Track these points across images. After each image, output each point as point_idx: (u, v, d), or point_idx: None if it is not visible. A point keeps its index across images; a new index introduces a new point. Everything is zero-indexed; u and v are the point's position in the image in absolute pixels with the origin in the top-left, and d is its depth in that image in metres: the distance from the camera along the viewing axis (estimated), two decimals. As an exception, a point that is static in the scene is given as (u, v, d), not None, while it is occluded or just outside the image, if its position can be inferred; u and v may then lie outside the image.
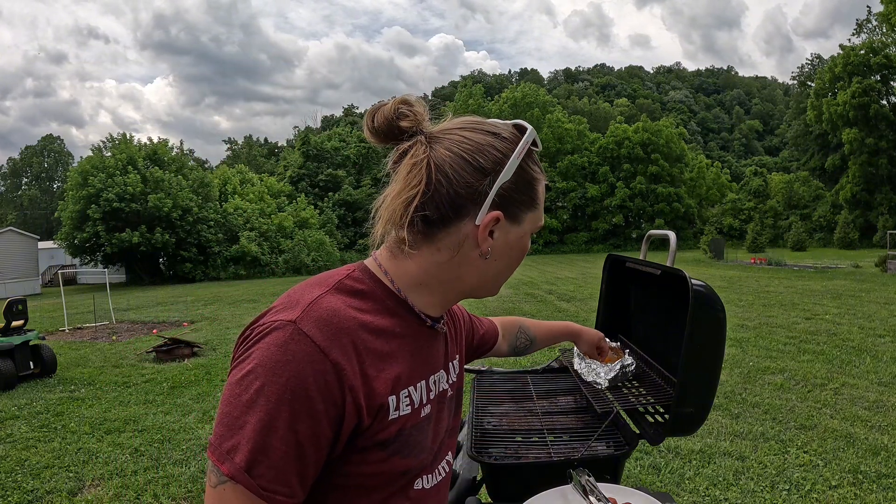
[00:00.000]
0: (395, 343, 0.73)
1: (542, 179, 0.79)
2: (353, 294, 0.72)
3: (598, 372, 1.45)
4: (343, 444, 0.67)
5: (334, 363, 0.63)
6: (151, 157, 32.62)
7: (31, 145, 77.88)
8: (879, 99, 41.12)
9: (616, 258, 1.77)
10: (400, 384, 0.72)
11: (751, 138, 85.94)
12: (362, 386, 0.66)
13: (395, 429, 0.71)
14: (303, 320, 0.64)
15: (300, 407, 0.61)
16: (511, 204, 0.74)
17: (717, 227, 44.40)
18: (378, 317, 0.72)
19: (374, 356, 0.69)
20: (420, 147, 0.71)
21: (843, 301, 10.97)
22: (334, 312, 0.67)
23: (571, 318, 9.82)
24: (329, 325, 0.65)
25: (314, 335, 0.63)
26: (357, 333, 0.67)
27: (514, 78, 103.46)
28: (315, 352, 0.63)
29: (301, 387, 0.61)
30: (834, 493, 3.19)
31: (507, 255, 0.78)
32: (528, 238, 0.79)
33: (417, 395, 0.75)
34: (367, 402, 0.66)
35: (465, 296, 0.81)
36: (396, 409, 0.71)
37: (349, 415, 0.65)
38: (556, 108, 54.36)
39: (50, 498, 3.54)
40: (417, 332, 0.78)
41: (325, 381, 0.62)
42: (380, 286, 0.75)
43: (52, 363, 6.96)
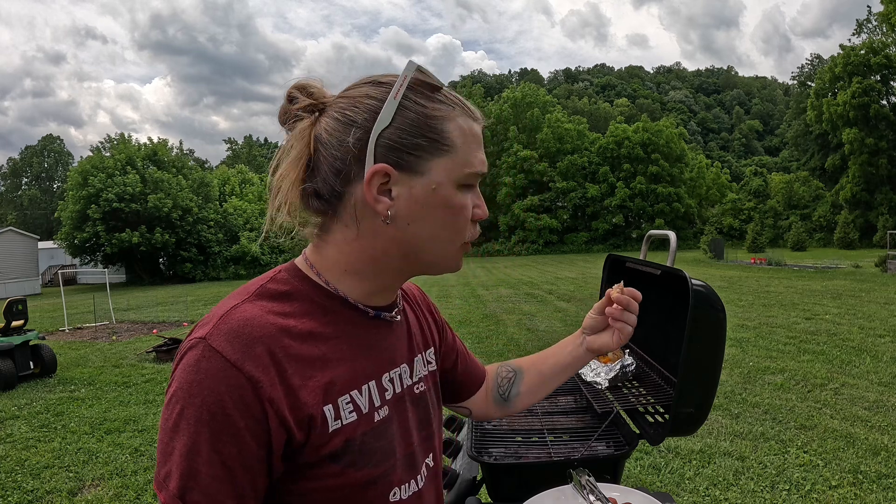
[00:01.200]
0: (328, 345, 0.66)
1: (452, 117, 0.66)
2: (276, 297, 0.66)
3: (599, 372, 1.45)
4: (279, 460, 0.61)
5: (248, 376, 0.58)
6: (151, 157, 32.62)
7: (31, 145, 77.85)
8: (879, 99, 41.09)
9: (616, 258, 1.77)
10: (335, 391, 0.64)
11: (751, 138, 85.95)
12: (285, 397, 0.60)
13: (341, 440, 0.64)
14: (212, 335, 0.60)
15: (219, 427, 0.57)
16: (403, 152, 0.64)
17: (717, 227, 44.39)
18: (305, 319, 0.65)
19: (299, 363, 0.62)
20: (304, 121, 0.67)
21: (843, 301, 10.96)
22: (247, 322, 0.61)
23: (571, 318, 9.83)
24: (240, 336, 0.60)
25: (223, 349, 0.58)
26: (276, 340, 0.61)
27: (514, 78, 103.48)
28: (226, 367, 0.58)
29: (217, 405, 0.57)
30: (834, 493, 3.18)
31: (424, 214, 0.66)
32: (449, 189, 0.66)
33: (364, 399, 0.68)
34: (293, 415, 0.60)
35: (406, 273, 0.73)
36: (337, 419, 0.64)
37: (275, 430, 0.59)
38: (556, 108, 54.35)
39: (50, 498, 3.55)
40: (359, 328, 0.70)
41: (241, 396, 0.57)
42: (307, 283, 0.69)
43: (52, 363, 6.96)
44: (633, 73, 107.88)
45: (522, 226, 48.70)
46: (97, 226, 29.12)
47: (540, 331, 8.71)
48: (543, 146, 50.39)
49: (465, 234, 0.71)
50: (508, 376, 1.02)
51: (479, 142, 0.69)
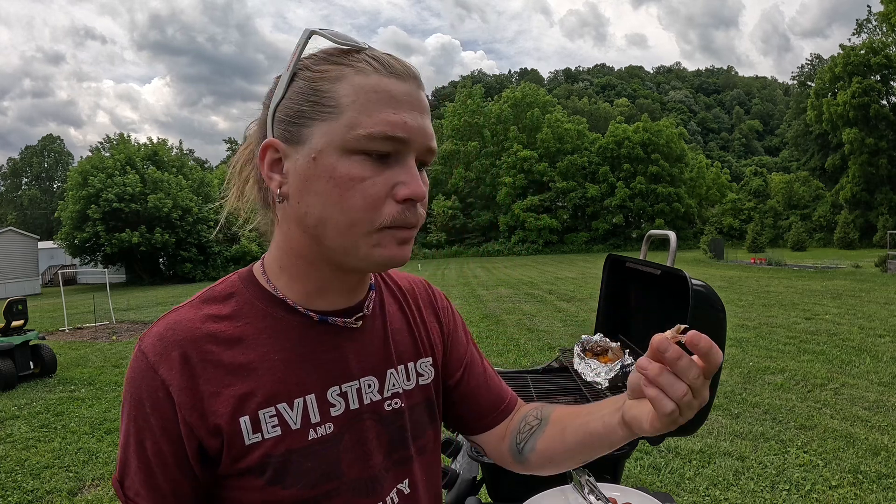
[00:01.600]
0: (258, 353, 0.62)
1: (345, 75, 0.57)
2: (217, 301, 0.64)
3: (599, 372, 1.45)
4: (197, 464, 0.60)
5: (162, 379, 0.59)
6: (151, 157, 32.63)
7: (32, 145, 77.89)
8: (879, 99, 41.10)
9: (616, 258, 1.77)
10: (254, 402, 0.61)
11: (751, 138, 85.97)
12: (193, 404, 0.59)
13: (259, 455, 0.60)
14: (145, 337, 0.62)
15: (142, 423, 0.59)
16: (288, 122, 0.59)
17: (717, 227, 44.41)
18: (239, 324, 0.63)
19: (217, 370, 0.60)
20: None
21: (843, 301, 10.96)
22: (174, 325, 0.61)
23: (571, 318, 9.82)
24: (163, 339, 0.60)
25: (148, 351, 0.60)
26: (196, 346, 0.60)
27: (515, 78, 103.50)
28: (147, 367, 0.59)
29: (139, 403, 0.59)
30: (834, 493, 3.18)
31: (308, 188, 0.58)
32: (331, 157, 0.57)
33: (295, 414, 0.62)
34: (202, 422, 0.59)
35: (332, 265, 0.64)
36: (257, 433, 0.60)
37: (185, 434, 0.59)
38: (556, 108, 54.36)
39: (50, 498, 3.55)
40: (300, 335, 0.65)
41: (157, 397, 0.59)
42: (252, 286, 0.66)
43: (52, 363, 6.96)
44: (633, 73, 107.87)
45: (522, 226, 48.69)
46: (97, 226, 29.12)
47: (540, 331, 8.71)
48: (543, 146, 50.38)
49: (377, 216, 0.58)
50: (532, 423, 0.79)
51: (391, 100, 0.57)
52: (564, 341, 7.70)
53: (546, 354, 6.92)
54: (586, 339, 1.63)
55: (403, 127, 0.57)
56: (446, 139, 51.74)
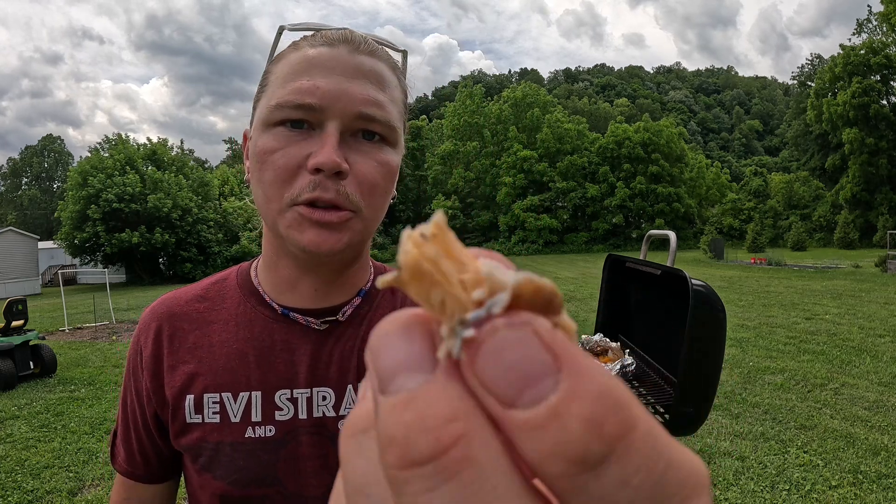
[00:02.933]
0: (220, 338, 0.63)
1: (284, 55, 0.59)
2: (210, 284, 0.71)
3: (598, 372, 1.45)
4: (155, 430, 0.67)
5: (140, 346, 0.67)
6: (151, 157, 32.63)
7: (32, 145, 77.94)
8: (879, 99, 41.10)
9: (616, 258, 1.77)
10: (200, 383, 0.62)
11: (751, 138, 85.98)
12: (154, 371, 0.66)
13: (196, 437, 0.62)
14: (146, 308, 0.71)
15: (127, 381, 0.70)
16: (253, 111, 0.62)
17: (717, 227, 44.40)
18: (214, 307, 0.67)
19: (181, 345, 0.65)
20: None
21: (843, 301, 10.96)
22: (165, 300, 0.70)
23: (571, 318, 9.81)
24: (152, 311, 0.69)
25: (140, 320, 0.69)
26: (172, 321, 0.67)
27: (515, 78, 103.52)
28: (136, 333, 0.69)
29: (128, 363, 0.70)
30: (834, 493, 3.18)
31: (251, 169, 0.59)
32: (257, 134, 0.57)
33: (237, 407, 0.61)
34: (158, 391, 0.66)
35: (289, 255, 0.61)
36: (199, 414, 0.62)
37: (146, 399, 0.67)
38: (556, 108, 54.36)
39: (50, 498, 3.54)
40: (268, 329, 0.63)
41: (136, 361, 0.68)
42: (241, 276, 0.70)
43: (52, 363, 6.95)
44: (633, 73, 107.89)
45: (522, 226, 48.68)
46: (97, 226, 29.12)
47: (540, 331, 8.70)
48: (543, 146, 50.37)
49: (284, 190, 0.55)
50: None
51: (309, 67, 0.55)
52: (564, 341, 7.70)
53: (546, 354, 6.92)
54: (586, 339, 1.63)
55: (314, 92, 0.53)
56: (446, 139, 51.78)
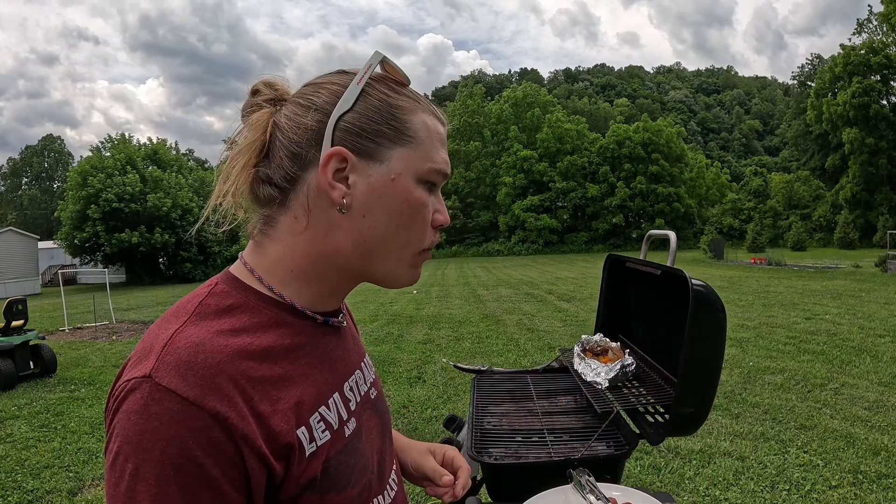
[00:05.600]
0: (288, 361, 0.59)
1: (416, 110, 0.63)
2: (221, 314, 0.58)
3: (599, 372, 1.45)
4: (262, 502, 0.54)
5: (213, 414, 0.49)
6: (151, 157, 32.65)
7: (32, 145, 77.98)
8: (880, 99, 41.10)
9: (616, 258, 1.77)
10: (305, 410, 0.58)
11: (751, 138, 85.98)
12: (258, 430, 0.52)
13: (319, 463, 0.58)
14: (159, 371, 0.50)
15: (190, 480, 0.48)
16: (362, 137, 0.59)
17: (717, 227, 44.41)
18: (258, 334, 0.58)
19: (264, 387, 0.55)
20: (263, 111, 0.62)
21: (843, 301, 10.96)
22: (198, 348, 0.52)
23: (571, 318, 9.83)
24: (193, 367, 0.51)
25: (178, 387, 0.49)
26: (235, 365, 0.53)
27: (515, 78, 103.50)
28: (185, 408, 0.49)
29: (182, 455, 0.48)
30: (834, 493, 3.18)
31: (380, 206, 0.60)
32: (408, 182, 0.61)
33: (334, 414, 0.62)
34: (270, 448, 0.53)
35: (356, 277, 0.66)
36: (312, 441, 0.57)
37: (254, 470, 0.52)
38: (556, 108, 54.37)
39: (50, 498, 3.54)
40: (314, 336, 0.64)
41: (210, 438, 0.49)
42: (251, 294, 0.61)
43: (52, 363, 6.96)
44: (632, 73, 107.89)
45: (522, 226, 48.69)
46: (97, 226, 29.14)
47: (540, 331, 8.71)
48: (543, 146, 50.38)
49: (424, 239, 0.65)
50: None
51: (444, 142, 0.66)
52: (564, 341, 7.70)
53: (546, 354, 6.92)
54: (586, 339, 1.63)
55: (448, 166, 0.66)
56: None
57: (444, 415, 4.61)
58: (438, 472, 0.81)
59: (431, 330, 9.16)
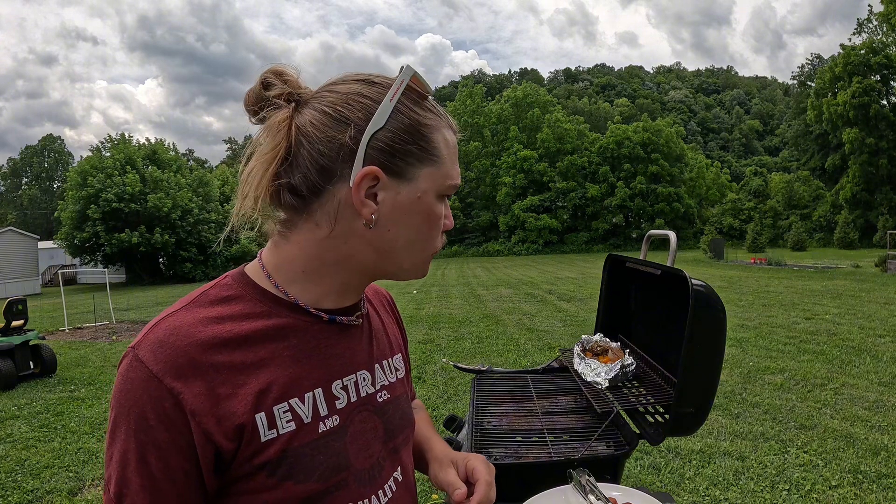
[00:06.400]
0: (267, 350, 0.63)
1: (439, 127, 0.66)
2: (215, 303, 0.64)
3: (599, 372, 1.45)
4: (211, 474, 0.59)
5: (169, 389, 0.57)
6: (151, 157, 32.63)
7: (32, 145, 77.95)
8: (880, 99, 41.11)
9: (616, 258, 1.77)
10: (270, 398, 0.61)
11: (751, 138, 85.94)
12: (210, 409, 0.58)
13: (277, 450, 0.61)
14: (140, 345, 0.59)
15: (145, 438, 0.57)
16: (393, 156, 0.62)
17: (717, 227, 44.41)
18: (244, 323, 0.63)
19: (230, 371, 0.60)
20: (282, 110, 0.62)
21: (843, 301, 10.96)
22: (175, 330, 0.59)
23: (571, 318, 9.83)
24: (164, 345, 0.58)
25: (147, 360, 0.58)
26: (204, 350, 0.59)
27: (515, 78, 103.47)
28: (149, 378, 0.57)
29: (141, 417, 0.57)
30: (834, 493, 3.18)
31: (405, 221, 0.65)
32: (430, 199, 0.66)
33: (307, 407, 0.64)
34: (220, 427, 0.58)
35: (371, 276, 0.71)
36: (273, 428, 0.61)
37: (200, 444, 0.58)
38: (556, 107, 54.37)
39: (50, 498, 3.55)
40: (307, 333, 0.67)
41: (164, 408, 0.57)
42: (251, 287, 0.66)
43: (52, 363, 6.96)
44: (632, 73, 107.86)
45: (522, 226, 48.69)
46: (97, 226, 29.12)
47: (540, 331, 8.71)
48: (543, 146, 50.38)
49: (437, 245, 0.71)
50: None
51: (456, 155, 0.70)
52: (564, 341, 7.70)
53: (546, 354, 6.92)
54: (586, 339, 1.63)
55: (460, 178, 0.71)
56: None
57: (444, 415, 4.61)
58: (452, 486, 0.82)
59: (431, 330, 9.17)
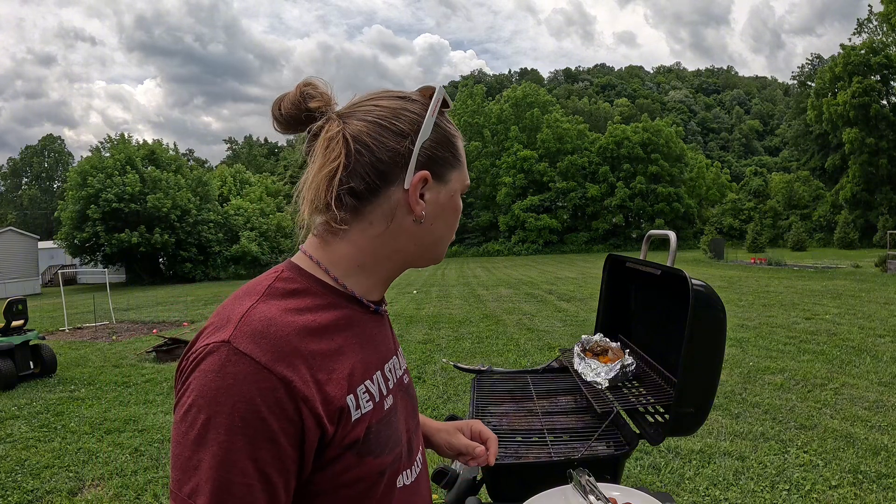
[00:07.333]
0: (342, 338, 0.69)
1: (458, 136, 0.79)
2: (288, 295, 0.67)
3: (599, 372, 1.45)
4: (311, 460, 0.62)
5: (281, 378, 0.58)
6: (150, 157, 32.63)
7: (32, 145, 77.92)
8: (880, 99, 41.11)
9: (616, 258, 1.77)
10: (355, 380, 0.67)
11: (751, 138, 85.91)
12: (317, 394, 0.61)
13: (363, 428, 0.66)
14: (237, 338, 0.59)
15: (255, 433, 0.56)
16: (435, 163, 0.73)
17: (717, 227, 44.40)
18: (319, 314, 0.67)
19: (321, 358, 0.64)
20: (333, 122, 0.69)
21: (843, 301, 10.96)
22: (270, 321, 0.62)
23: (571, 318, 9.83)
24: (266, 336, 0.60)
25: (252, 352, 0.58)
26: (299, 338, 0.63)
27: (515, 78, 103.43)
28: (257, 370, 0.58)
29: (251, 411, 0.56)
30: (834, 493, 3.18)
31: (442, 216, 0.76)
32: (458, 198, 0.79)
33: (376, 388, 0.71)
34: (325, 410, 0.61)
35: (409, 266, 0.80)
36: (358, 408, 0.66)
37: (309, 429, 0.60)
38: (555, 107, 54.35)
39: (50, 498, 3.55)
40: (363, 321, 0.74)
41: (276, 398, 0.58)
42: (314, 280, 0.71)
43: (52, 363, 6.96)
44: (632, 73, 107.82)
45: (522, 226, 48.69)
46: (97, 226, 29.12)
47: (540, 331, 8.71)
48: (543, 146, 50.37)
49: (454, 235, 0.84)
50: None
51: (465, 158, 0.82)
52: (564, 341, 7.70)
53: (546, 354, 6.92)
54: (586, 339, 1.63)
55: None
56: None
57: (444, 415, 4.61)
58: (472, 446, 0.96)
59: (431, 330, 9.17)
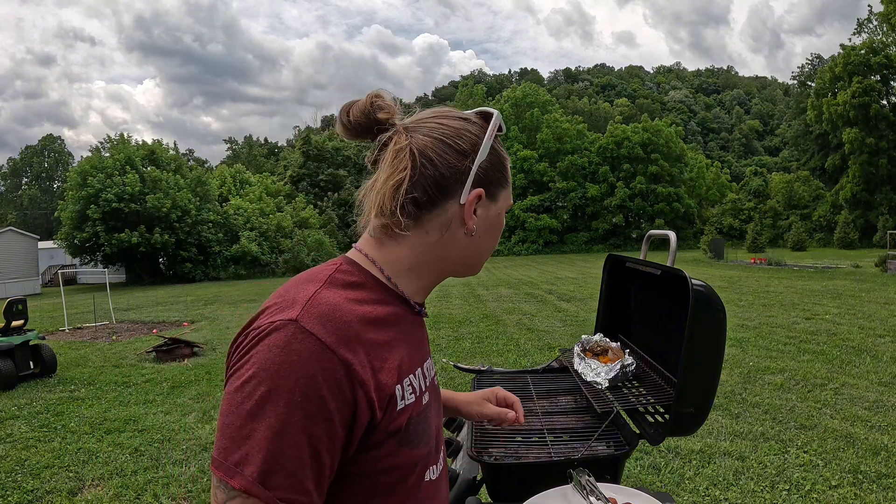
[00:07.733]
0: (392, 331, 0.73)
1: (508, 160, 0.84)
2: (348, 286, 0.72)
3: (599, 372, 1.45)
4: (357, 442, 0.65)
5: (342, 360, 0.62)
6: (150, 157, 32.62)
7: (32, 145, 77.88)
8: (880, 99, 41.10)
9: (616, 258, 1.77)
10: (402, 373, 0.71)
11: (751, 138, 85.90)
12: (372, 379, 0.65)
13: (405, 418, 0.70)
14: (304, 318, 0.63)
15: (313, 409, 0.59)
16: (489, 182, 0.78)
17: (717, 227, 44.39)
18: (375, 306, 0.72)
19: (377, 347, 0.68)
20: (401, 135, 0.74)
21: (843, 301, 10.96)
22: (335, 307, 0.66)
23: (571, 318, 9.82)
24: (333, 319, 0.64)
25: (318, 332, 0.62)
26: (360, 326, 0.67)
27: (515, 78, 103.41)
28: (322, 349, 0.61)
29: (312, 387, 0.59)
30: (834, 493, 3.18)
31: (489, 231, 0.82)
32: (503, 216, 0.84)
33: (417, 382, 0.75)
34: (377, 396, 0.65)
35: (450, 275, 0.85)
36: (402, 399, 0.70)
37: (362, 412, 0.63)
38: (555, 107, 54.34)
39: (50, 498, 3.54)
40: (408, 320, 0.78)
41: (336, 379, 0.61)
42: (369, 276, 0.75)
43: (52, 363, 6.95)
44: (632, 73, 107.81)
45: (522, 226, 48.68)
46: (97, 226, 29.10)
47: (540, 331, 8.71)
48: (543, 146, 50.37)
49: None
50: None
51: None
52: (564, 341, 7.70)
53: (546, 354, 6.92)
54: (586, 339, 1.63)
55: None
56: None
57: (444, 415, 4.60)
58: (502, 413, 1.11)
59: (431, 330, 9.16)
